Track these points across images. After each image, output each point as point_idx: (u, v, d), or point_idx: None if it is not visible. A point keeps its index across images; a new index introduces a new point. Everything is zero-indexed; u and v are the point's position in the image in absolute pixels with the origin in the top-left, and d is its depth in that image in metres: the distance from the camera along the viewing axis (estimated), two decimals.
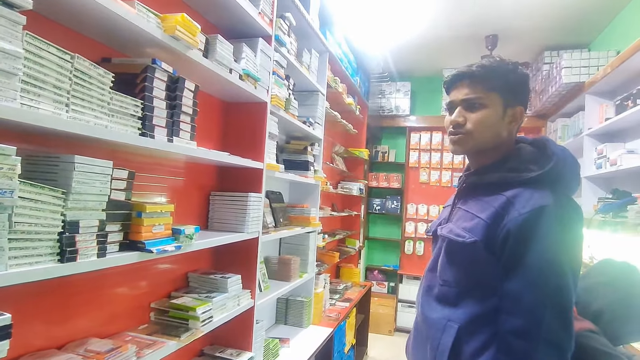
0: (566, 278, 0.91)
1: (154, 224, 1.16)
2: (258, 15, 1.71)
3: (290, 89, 2.14)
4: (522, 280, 0.92)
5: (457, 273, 1.04)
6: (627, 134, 2.85)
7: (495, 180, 1.03)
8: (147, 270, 1.48)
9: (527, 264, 0.92)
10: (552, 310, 0.89)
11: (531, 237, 0.92)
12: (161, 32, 1.15)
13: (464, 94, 1.05)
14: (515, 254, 0.93)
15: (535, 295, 0.90)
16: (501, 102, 1.04)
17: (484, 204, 1.02)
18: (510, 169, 1.02)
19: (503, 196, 0.98)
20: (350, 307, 3.17)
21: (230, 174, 1.86)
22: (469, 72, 1.05)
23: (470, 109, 1.05)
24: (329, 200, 3.75)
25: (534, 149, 1.06)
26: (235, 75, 1.55)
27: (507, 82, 1.04)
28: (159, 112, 1.17)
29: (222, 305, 1.56)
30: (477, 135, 1.05)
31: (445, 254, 1.07)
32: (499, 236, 0.95)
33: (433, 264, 1.12)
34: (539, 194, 0.95)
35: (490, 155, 1.08)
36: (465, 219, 1.05)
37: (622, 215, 2.45)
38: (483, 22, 3.52)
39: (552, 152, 1.01)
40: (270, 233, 1.99)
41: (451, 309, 1.03)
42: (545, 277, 0.91)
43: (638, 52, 2.41)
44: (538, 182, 0.98)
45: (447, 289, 1.05)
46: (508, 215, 0.95)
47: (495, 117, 1.04)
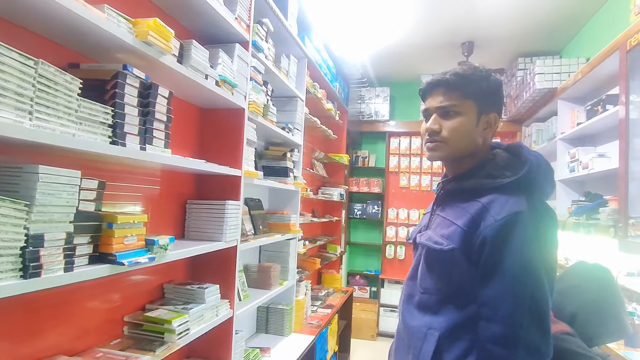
0: (542, 284, 0.92)
1: (126, 235, 1.12)
2: (234, 20, 1.69)
3: (268, 95, 2.12)
4: (499, 287, 0.92)
5: (437, 281, 1.03)
6: (597, 139, 2.94)
7: (472, 187, 1.03)
8: (120, 282, 1.43)
9: (503, 270, 0.92)
10: (530, 317, 0.90)
11: (507, 244, 0.92)
12: (133, 38, 1.11)
13: (439, 101, 1.06)
14: (491, 261, 0.93)
15: (512, 301, 0.91)
16: (475, 109, 1.05)
17: (461, 211, 1.02)
18: (486, 175, 1.03)
19: (479, 202, 0.99)
20: (332, 314, 3.15)
21: (207, 181, 1.82)
22: (443, 80, 1.05)
23: (445, 116, 1.05)
24: (309, 206, 3.73)
25: (508, 155, 1.06)
26: (211, 81, 1.52)
27: (480, 90, 1.04)
28: (130, 119, 1.14)
29: (200, 316, 1.52)
30: (453, 143, 1.05)
31: (425, 261, 1.07)
32: (476, 243, 0.96)
33: (413, 273, 1.12)
34: (513, 200, 0.96)
35: (466, 162, 1.08)
36: (443, 226, 1.05)
37: (595, 217, 2.51)
38: (459, 30, 3.59)
39: (525, 158, 1.02)
40: (249, 241, 1.96)
41: (432, 316, 1.03)
42: (522, 284, 0.91)
43: (606, 60, 2.49)
44: (512, 187, 0.98)
45: (428, 297, 1.05)
46: (484, 222, 0.95)
47: (470, 124, 1.05)
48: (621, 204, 2.15)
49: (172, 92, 1.30)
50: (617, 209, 2.23)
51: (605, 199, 2.50)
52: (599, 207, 2.48)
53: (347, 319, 3.96)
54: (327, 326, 2.98)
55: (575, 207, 2.77)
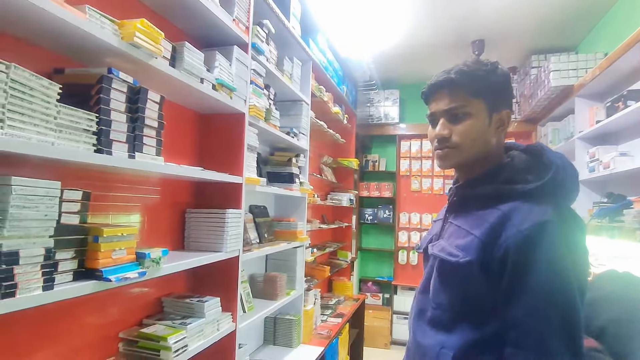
0: (575, 301, 0.81)
1: (114, 248, 1.05)
2: (232, 22, 1.63)
3: (270, 98, 2.05)
4: (527, 308, 0.82)
5: (451, 296, 0.94)
6: (619, 136, 2.80)
7: (490, 193, 0.93)
8: (116, 296, 1.36)
9: (530, 288, 0.82)
10: (562, 339, 0.80)
11: (533, 257, 0.82)
12: (118, 40, 1.05)
13: (446, 104, 0.96)
14: (516, 277, 0.83)
15: (543, 323, 0.81)
16: (486, 108, 0.95)
17: (478, 219, 0.92)
18: (505, 180, 0.93)
19: (498, 210, 0.89)
20: (342, 323, 3.05)
21: (207, 189, 1.75)
22: (447, 79, 0.95)
23: (454, 120, 0.96)
24: (318, 212, 3.65)
25: (528, 157, 0.96)
26: (207, 85, 1.46)
27: (489, 86, 0.95)
28: (117, 125, 1.07)
29: (199, 331, 1.45)
30: (465, 148, 0.95)
31: (438, 274, 0.97)
32: (496, 256, 0.85)
33: (425, 286, 1.02)
34: (538, 208, 0.86)
35: (480, 166, 0.98)
36: (458, 236, 0.95)
37: (619, 219, 2.37)
38: (469, 27, 3.48)
39: (550, 160, 0.91)
40: (253, 250, 1.88)
41: (445, 334, 0.93)
42: (553, 302, 0.81)
43: (626, 54, 2.36)
44: (536, 193, 0.88)
45: (441, 313, 0.95)
46: (505, 232, 0.85)
47: (482, 125, 0.95)
48: None
49: (164, 96, 1.24)
50: None
51: (629, 200, 2.36)
52: (623, 209, 2.35)
53: (359, 327, 3.85)
54: (337, 336, 2.88)
55: (596, 209, 2.63)
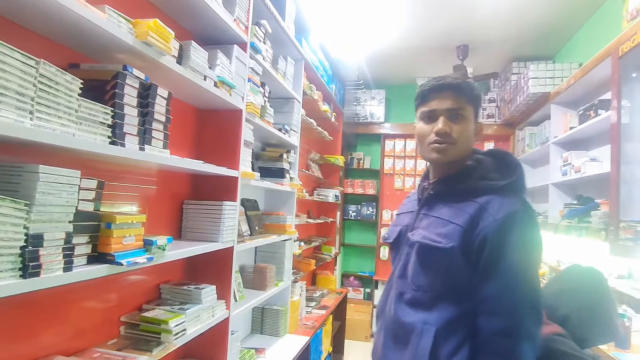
0: (537, 278, 1.01)
1: (125, 235, 1.12)
2: (233, 22, 1.70)
3: (265, 96, 2.13)
4: (502, 283, 0.97)
5: (432, 278, 1.06)
6: (590, 143, 2.98)
7: (467, 188, 1.07)
8: (117, 282, 1.43)
9: (504, 267, 0.97)
10: (529, 309, 0.97)
11: (507, 241, 0.98)
12: (133, 38, 1.12)
13: (449, 104, 1.07)
14: (493, 258, 0.98)
15: (515, 296, 0.97)
16: (473, 115, 1.11)
17: (457, 211, 1.05)
18: (479, 177, 1.08)
19: (476, 203, 1.03)
20: (326, 315, 3.16)
21: (204, 182, 1.82)
22: (454, 83, 1.08)
23: (453, 119, 1.08)
24: (304, 207, 3.74)
25: (493, 159, 1.12)
26: (209, 82, 1.53)
27: (477, 97, 1.11)
28: (130, 119, 1.14)
29: (196, 317, 1.52)
30: (460, 145, 1.08)
31: (419, 259, 1.08)
32: (475, 241, 1.00)
33: (402, 271, 1.14)
34: (508, 201, 1.02)
35: (456, 165, 1.12)
36: (437, 225, 1.07)
37: (587, 220, 2.55)
38: (454, 33, 3.62)
39: (515, 162, 1.09)
40: (246, 242, 1.96)
41: (425, 312, 1.05)
42: (522, 279, 0.98)
43: (598, 66, 2.53)
44: (506, 189, 1.05)
45: (421, 294, 1.07)
46: (482, 221, 1.00)
47: (471, 129, 1.10)
48: (612, 207, 2.18)
49: (172, 92, 1.31)
50: (608, 212, 2.26)
51: (597, 203, 2.54)
52: (591, 211, 2.52)
53: (341, 320, 3.97)
54: (321, 327, 2.99)
55: (567, 210, 2.81)
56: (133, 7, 1.39)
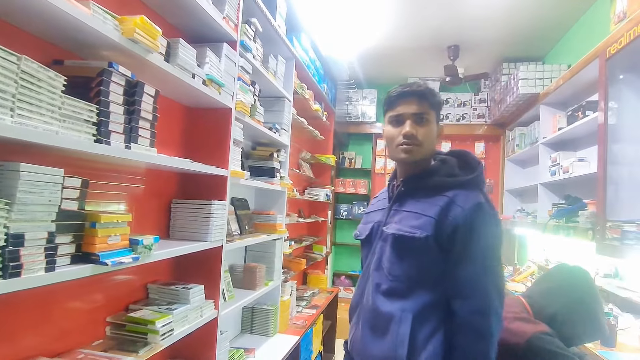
0: (500, 262, 1.15)
1: (110, 234, 1.10)
2: (223, 20, 1.68)
3: (255, 95, 2.12)
4: (474, 267, 1.09)
5: (408, 267, 1.15)
6: (578, 143, 3.02)
7: (435, 184, 1.19)
8: (103, 282, 1.41)
9: (475, 252, 1.10)
10: (497, 289, 1.10)
11: (475, 229, 1.10)
12: (119, 35, 1.10)
13: (414, 109, 1.19)
14: (463, 244, 1.10)
15: (486, 277, 1.09)
16: (435, 119, 1.23)
17: (428, 204, 1.16)
18: (447, 174, 1.19)
19: (445, 196, 1.15)
20: (317, 314, 3.15)
21: (193, 181, 1.81)
22: (418, 90, 1.20)
23: (419, 123, 1.19)
24: (295, 206, 3.73)
25: (455, 159, 1.24)
26: (198, 80, 1.51)
27: (439, 103, 1.24)
28: (115, 117, 1.12)
29: (184, 317, 1.51)
30: (426, 146, 1.20)
31: (394, 251, 1.17)
32: (446, 230, 1.11)
33: (378, 264, 1.22)
34: (472, 194, 1.15)
35: (422, 164, 1.23)
36: (410, 219, 1.17)
37: (574, 220, 2.58)
38: (445, 33, 3.64)
39: (476, 161, 1.23)
40: (235, 241, 1.95)
41: (403, 301, 1.14)
42: (490, 262, 1.11)
43: (586, 67, 2.56)
44: (470, 184, 1.17)
45: (397, 284, 1.16)
46: (452, 212, 1.11)
47: (434, 131, 1.22)
48: (599, 207, 2.21)
49: (159, 90, 1.29)
50: (595, 212, 2.29)
51: (584, 203, 2.57)
52: (579, 210, 2.55)
53: (332, 319, 3.97)
54: (312, 326, 2.98)
55: (555, 210, 2.84)
56: (121, 4, 1.37)
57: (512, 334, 1.34)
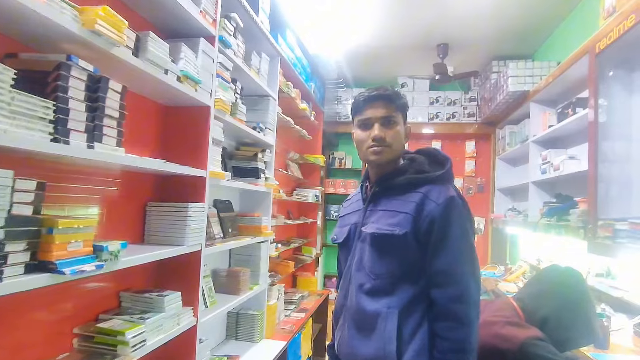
0: (474, 250, 1.19)
1: (69, 240, 1.02)
2: (199, 14, 1.61)
3: (237, 92, 2.04)
4: (450, 257, 1.14)
5: (389, 264, 1.19)
6: (568, 141, 2.98)
7: (407, 182, 1.23)
8: (70, 291, 1.32)
9: (451, 243, 1.14)
10: (473, 277, 1.15)
11: (450, 221, 1.15)
12: (78, 26, 1.02)
13: (382, 112, 1.23)
14: (440, 236, 1.14)
15: (462, 267, 1.14)
16: (403, 120, 1.28)
17: (403, 202, 1.21)
18: (417, 171, 1.24)
19: (419, 193, 1.19)
20: (305, 318, 3.08)
21: (170, 183, 1.73)
22: (385, 94, 1.24)
23: (387, 125, 1.23)
24: (284, 207, 3.66)
25: (424, 157, 1.29)
26: (172, 76, 1.44)
27: (404, 105, 1.29)
28: (76, 114, 1.04)
29: (158, 326, 1.43)
30: (395, 147, 1.24)
31: (375, 250, 1.21)
32: (423, 225, 1.16)
33: (359, 264, 1.25)
34: (444, 188, 1.20)
35: (391, 164, 1.27)
36: (387, 217, 1.21)
37: (566, 218, 2.53)
38: (434, 32, 3.59)
39: (444, 157, 1.28)
40: (216, 245, 1.87)
41: (388, 298, 1.17)
42: (466, 252, 1.16)
43: (576, 63, 2.52)
44: (440, 179, 1.22)
45: (380, 282, 1.19)
46: (426, 207, 1.17)
47: (402, 133, 1.26)
48: (591, 205, 2.17)
49: (126, 86, 1.21)
50: (586, 210, 2.24)
51: (575, 201, 2.53)
52: (570, 209, 2.50)
53: (322, 322, 3.90)
54: (300, 331, 2.91)
55: (546, 209, 2.79)
56: None
57: (504, 339, 1.29)
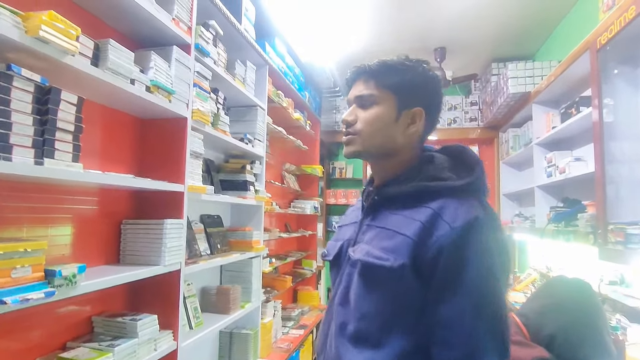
0: (502, 299, 0.81)
1: (13, 266, 0.93)
2: (171, 21, 1.54)
3: (219, 102, 1.96)
4: (459, 306, 0.79)
5: (379, 303, 0.86)
6: (573, 142, 2.85)
7: (415, 191, 0.89)
8: (35, 317, 1.23)
9: (463, 285, 0.78)
10: (490, 338, 0.78)
11: (466, 254, 0.79)
12: (20, 33, 0.95)
13: (358, 91, 0.95)
14: (449, 274, 0.80)
15: (474, 322, 0.78)
16: (395, 102, 0.93)
17: (405, 219, 0.87)
18: (430, 177, 0.90)
19: (428, 208, 0.84)
20: (304, 335, 2.95)
21: (146, 199, 1.64)
22: (366, 68, 0.95)
23: (363, 106, 0.94)
24: (282, 220, 3.56)
25: (447, 157, 0.95)
26: (139, 86, 1.36)
27: (402, 81, 0.93)
28: (20, 128, 0.96)
29: (130, 353, 1.33)
30: (365, 136, 0.93)
31: (363, 281, 0.88)
32: (427, 254, 0.81)
33: (344, 296, 0.92)
34: (467, 204, 0.84)
35: (393, 164, 0.96)
36: (382, 237, 0.88)
37: (574, 223, 2.39)
38: (430, 35, 3.50)
39: (475, 159, 0.92)
40: (199, 262, 1.78)
41: (373, 350, 0.84)
42: (483, 301, 0.79)
43: (577, 61, 2.41)
44: (462, 190, 0.87)
45: (367, 325, 0.87)
46: (437, 231, 0.81)
47: (387, 117, 0.93)
48: (599, 209, 2.03)
49: (83, 98, 1.13)
50: (595, 214, 2.11)
51: (583, 205, 2.39)
52: (577, 213, 2.37)
53: None
54: (299, 348, 2.79)
55: (553, 214, 2.65)
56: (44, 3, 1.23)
57: None
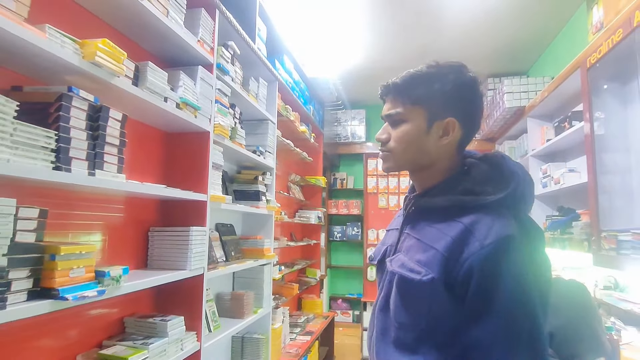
0: (539, 318, 0.78)
1: (72, 267, 1.04)
2: (197, 43, 1.67)
3: (236, 117, 2.09)
4: (491, 328, 0.77)
5: (415, 315, 0.86)
6: (567, 154, 2.99)
7: (448, 204, 0.88)
8: (74, 317, 1.33)
9: (496, 307, 0.77)
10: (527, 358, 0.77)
11: (499, 275, 0.77)
12: (79, 59, 1.07)
13: (387, 109, 0.97)
14: (481, 296, 0.78)
15: (508, 344, 0.77)
16: (425, 115, 0.92)
17: (438, 233, 0.86)
18: (464, 191, 0.88)
19: (460, 223, 0.83)
20: (311, 341, 3.04)
21: (172, 207, 1.75)
22: (393, 85, 0.95)
23: (393, 125, 0.96)
24: (287, 229, 3.66)
25: (486, 166, 0.92)
26: (171, 104, 1.48)
27: (430, 92, 0.92)
28: (77, 143, 1.08)
29: (162, 351, 1.42)
30: (398, 153, 0.95)
31: (399, 292, 0.89)
32: (459, 273, 0.80)
33: (384, 303, 0.94)
34: (501, 221, 0.81)
35: (430, 175, 0.95)
36: (417, 249, 0.88)
37: (569, 231, 2.52)
38: (430, 52, 3.66)
39: (511, 171, 0.88)
40: (218, 269, 1.88)
41: (410, 356, 0.86)
42: (519, 322, 0.77)
43: (569, 78, 2.56)
44: (497, 205, 0.84)
45: (404, 334, 0.88)
46: (467, 248, 0.80)
47: (416, 132, 0.92)
48: (593, 217, 2.16)
49: (127, 115, 1.25)
50: (589, 222, 2.24)
51: (577, 213, 2.52)
52: (572, 221, 2.50)
53: (328, 345, 3.84)
54: (306, 354, 2.87)
55: (549, 222, 2.78)
56: (89, 30, 1.35)
57: None
